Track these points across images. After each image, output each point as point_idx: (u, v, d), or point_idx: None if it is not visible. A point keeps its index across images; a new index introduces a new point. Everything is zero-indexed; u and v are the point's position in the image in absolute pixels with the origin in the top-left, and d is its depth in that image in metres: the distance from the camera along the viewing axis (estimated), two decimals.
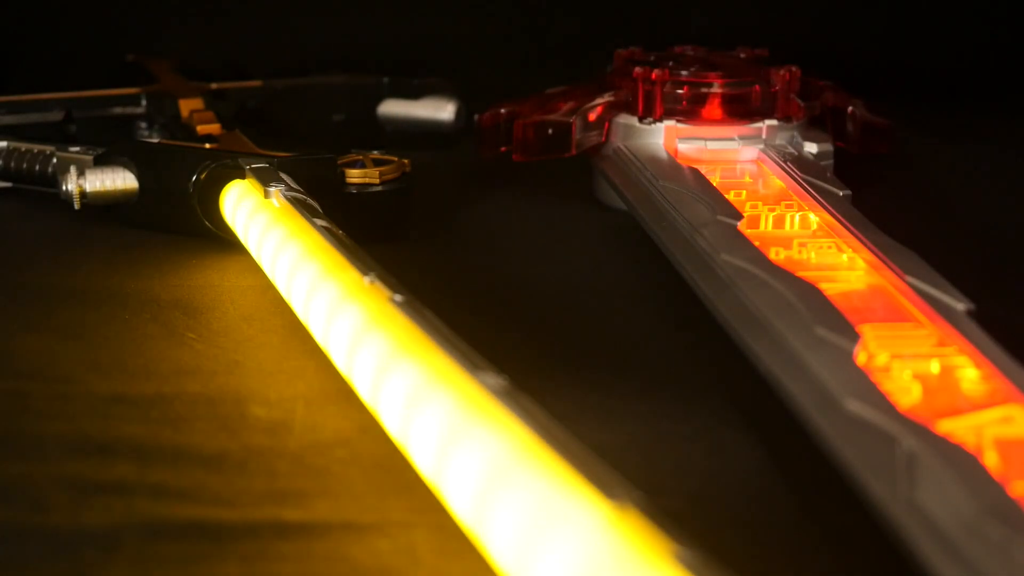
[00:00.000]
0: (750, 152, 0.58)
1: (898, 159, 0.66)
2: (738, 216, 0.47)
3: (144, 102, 0.69)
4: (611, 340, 0.46)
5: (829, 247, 0.46)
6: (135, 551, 0.32)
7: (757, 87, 0.59)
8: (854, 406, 0.33)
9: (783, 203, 0.51)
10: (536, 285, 0.52)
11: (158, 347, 0.45)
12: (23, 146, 0.61)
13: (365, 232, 0.46)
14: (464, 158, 0.70)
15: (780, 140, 0.58)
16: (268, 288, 0.46)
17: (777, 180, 0.54)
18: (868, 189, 0.54)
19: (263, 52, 0.90)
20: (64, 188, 0.55)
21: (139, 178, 0.55)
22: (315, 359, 0.41)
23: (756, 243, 0.44)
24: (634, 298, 0.51)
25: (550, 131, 0.59)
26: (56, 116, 0.67)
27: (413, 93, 0.74)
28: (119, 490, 0.35)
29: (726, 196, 0.50)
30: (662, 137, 0.58)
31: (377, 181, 0.55)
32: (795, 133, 0.59)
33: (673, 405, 0.41)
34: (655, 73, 0.59)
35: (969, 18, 0.96)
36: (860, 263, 0.44)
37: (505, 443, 0.28)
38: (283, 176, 0.51)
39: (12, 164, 0.61)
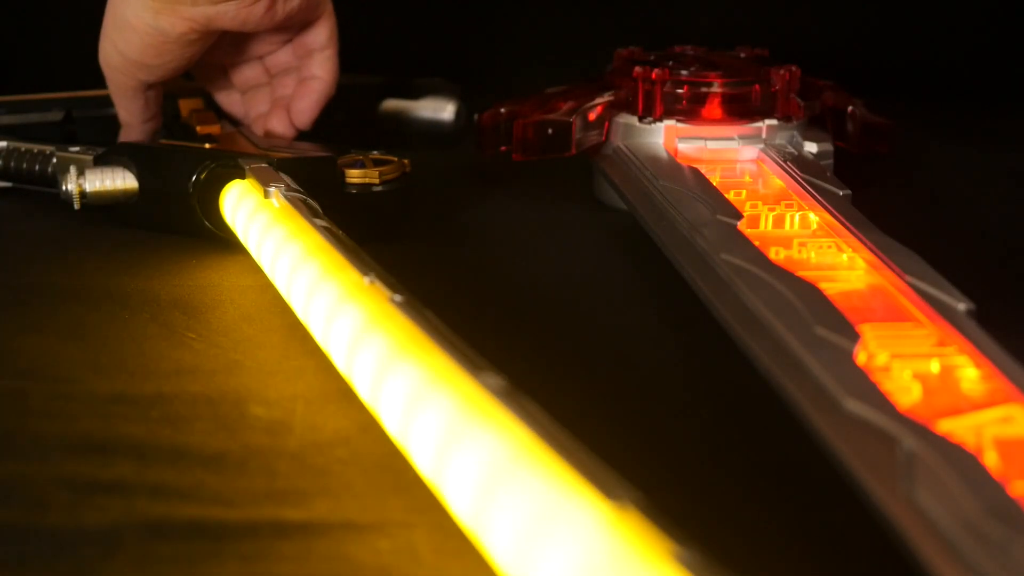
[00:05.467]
0: (750, 152, 0.58)
1: (898, 159, 0.66)
2: (738, 216, 0.47)
3: None
4: (611, 339, 0.46)
5: (829, 247, 0.46)
6: (135, 551, 0.32)
7: (757, 87, 0.59)
8: (854, 406, 0.33)
9: (783, 203, 0.51)
10: (536, 284, 0.52)
11: (158, 347, 0.45)
12: (23, 146, 0.61)
13: (365, 232, 0.46)
14: (464, 158, 0.70)
15: (780, 140, 0.58)
16: (268, 288, 0.46)
17: (777, 180, 0.54)
18: (868, 189, 0.54)
19: None
20: (64, 188, 0.55)
21: (139, 178, 0.55)
22: (315, 359, 0.41)
23: (756, 243, 0.44)
24: (634, 298, 0.51)
25: (550, 130, 0.59)
26: (56, 116, 0.67)
27: (413, 93, 0.74)
28: (119, 490, 0.35)
29: (726, 196, 0.50)
30: (662, 137, 0.58)
31: (377, 181, 0.55)
32: (795, 133, 0.59)
33: (673, 404, 0.41)
34: (655, 73, 0.59)
35: (969, 18, 0.96)
36: (860, 263, 0.44)
37: (505, 443, 0.28)
38: (283, 176, 0.51)
39: (12, 164, 0.61)
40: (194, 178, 0.54)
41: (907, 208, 0.63)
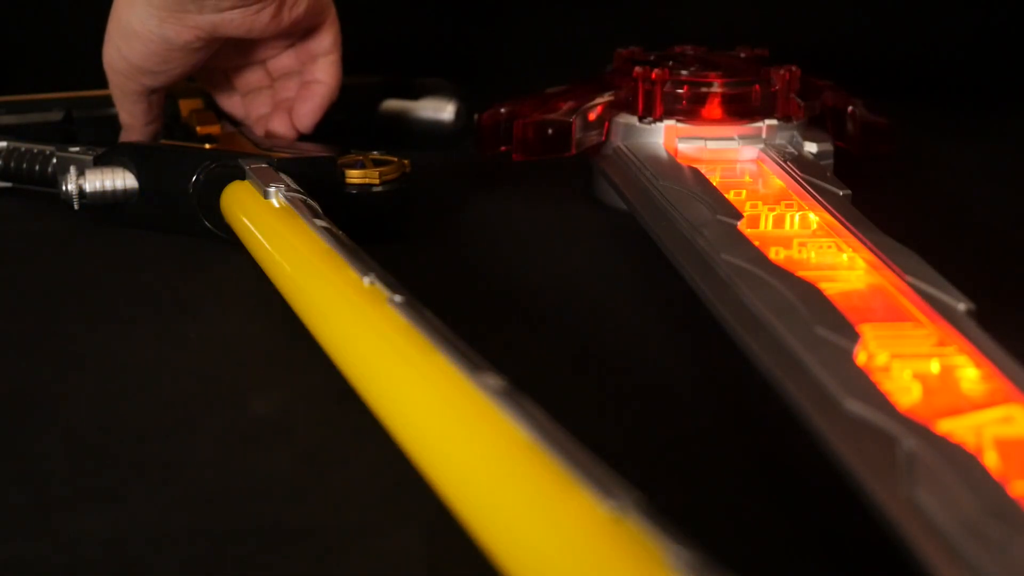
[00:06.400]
0: (750, 152, 0.58)
1: (898, 159, 0.66)
2: (738, 216, 0.47)
3: None
4: (611, 340, 0.46)
5: (829, 247, 0.46)
6: (135, 551, 0.32)
7: (757, 87, 0.59)
8: (854, 406, 0.33)
9: (783, 203, 0.51)
10: (536, 285, 0.52)
11: (158, 347, 0.45)
12: (23, 146, 0.61)
13: (365, 232, 0.46)
14: (464, 158, 0.70)
15: (780, 140, 0.58)
16: (268, 288, 0.46)
17: (777, 180, 0.54)
18: (868, 189, 0.54)
19: None
20: (64, 188, 0.55)
21: (139, 178, 0.55)
22: (315, 359, 0.41)
23: (756, 243, 0.44)
24: (634, 298, 0.51)
25: (550, 131, 0.59)
26: (56, 116, 0.67)
27: (413, 93, 0.74)
28: (119, 490, 0.35)
29: (726, 196, 0.50)
30: (662, 137, 0.58)
31: (377, 181, 0.55)
32: (795, 133, 0.59)
33: (673, 404, 0.41)
34: (655, 73, 0.59)
35: (969, 18, 0.96)
36: (860, 263, 0.44)
37: (505, 444, 0.28)
38: (283, 176, 0.51)
39: (12, 164, 0.61)
40: (194, 178, 0.54)
41: (907, 208, 0.63)
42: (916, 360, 0.36)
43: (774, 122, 0.58)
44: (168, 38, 0.55)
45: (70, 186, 0.55)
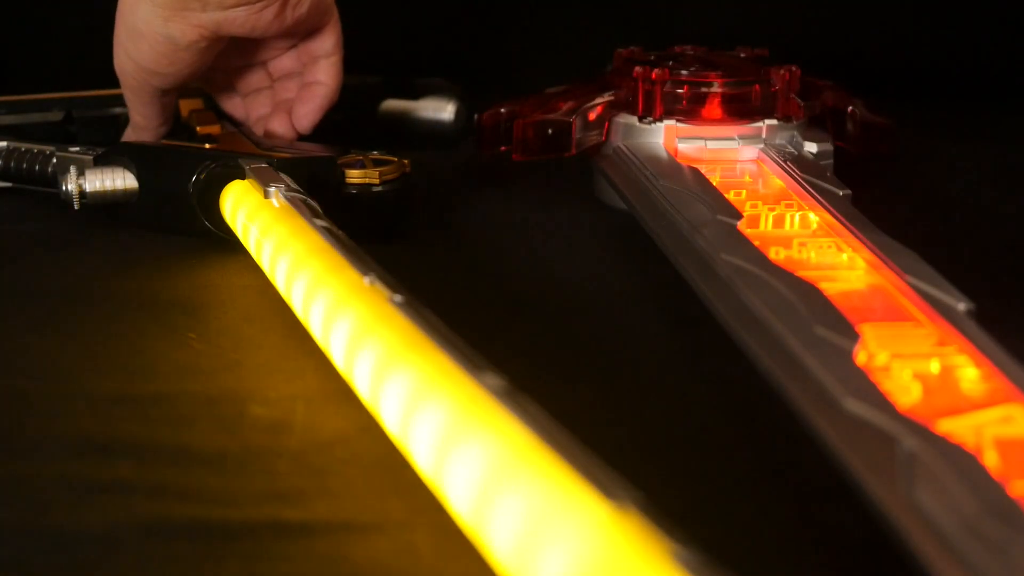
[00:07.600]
0: (750, 152, 0.58)
1: (898, 159, 0.66)
2: (738, 216, 0.47)
3: None
4: (611, 340, 0.46)
5: (829, 247, 0.46)
6: (135, 551, 0.32)
7: (757, 87, 0.59)
8: (854, 406, 0.33)
9: (783, 203, 0.51)
10: (536, 285, 0.52)
11: (158, 347, 0.45)
12: (23, 146, 0.61)
13: (365, 232, 0.46)
14: (464, 158, 0.70)
15: (780, 140, 0.58)
16: (268, 288, 0.46)
17: (777, 180, 0.54)
18: (868, 189, 0.54)
19: None
20: (64, 188, 0.55)
21: (139, 178, 0.55)
22: (315, 359, 0.41)
23: (756, 243, 0.44)
24: (634, 298, 0.51)
25: (550, 130, 0.59)
26: (56, 116, 0.67)
27: (413, 93, 0.74)
28: (119, 490, 0.35)
29: (726, 196, 0.50)
30: (662, 136, 0.58)
31: (377, 181, 0.55)
32: (795, 133, 0.59)
33: (673, 404, 0.41)
34: (655, 73, 0.59)
35: (970, 18, 0.96)
36: (860, 263, 0.44)
37: (505, 444, 0.28)
38: (283, 176, 0.51)
39: (12, 164, 0.61)
40: (194, 178, 0.54)
41: (907, 208, 0.63)
42: (916, 360, 0.36)
43: (774, 122, 0.58)
44: (173, 37, 0.55)
45: (70, 186, 0.54)
